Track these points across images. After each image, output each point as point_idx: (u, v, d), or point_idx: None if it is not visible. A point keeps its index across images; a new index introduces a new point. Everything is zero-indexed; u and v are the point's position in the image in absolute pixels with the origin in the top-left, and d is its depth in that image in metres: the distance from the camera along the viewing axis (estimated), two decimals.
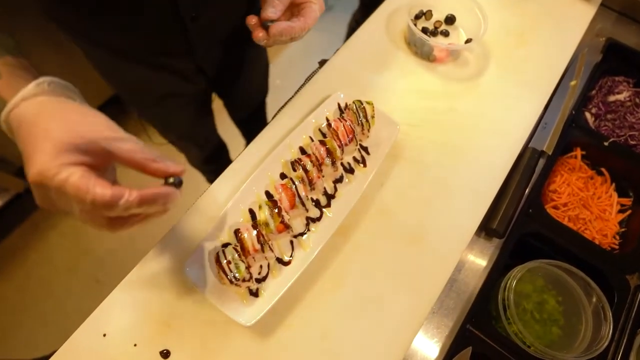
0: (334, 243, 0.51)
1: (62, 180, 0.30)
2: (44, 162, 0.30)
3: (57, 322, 1.28)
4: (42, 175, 0.30)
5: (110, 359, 0.44)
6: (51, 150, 0.31)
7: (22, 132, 0.33)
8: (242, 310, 0.45)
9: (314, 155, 0.51)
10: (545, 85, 0.66)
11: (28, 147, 0.32)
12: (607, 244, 0.63)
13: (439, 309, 0.53)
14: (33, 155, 0.31)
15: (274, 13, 0.47)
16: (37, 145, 0.31)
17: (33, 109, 0.33)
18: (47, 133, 0.32)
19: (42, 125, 0.32)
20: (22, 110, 0.33)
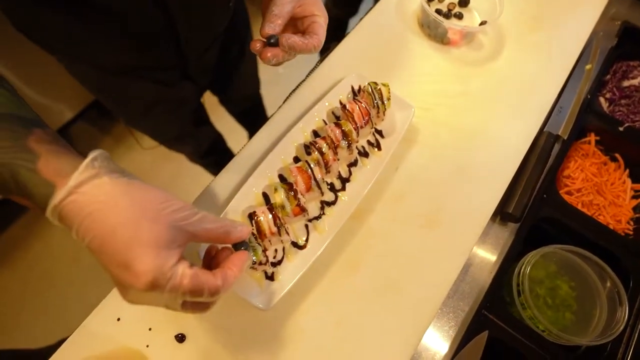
0: (348, 227, 0.51)
1: (177, 285, 0.29)
2: (153, 269, 0.28)
3: (60, 312, 1.28)
4: (157, 283, 0.28)
5: (124, 343, 0.44)
6: (153, 253, 0.28)
7: (92, 228, 0.28)
8: (259, 294, 0.44)
9: (329, 137, 0.50)
10: (561, 69, 0.65)
11: (117, 255, 0.28)
12: (621, 230, 0.63)
13: (455, 293, 0.53)
14: (133, 263, 0.27)
15: (273, 29, 0.44)
16: (132, 250, 0.28)
17: (95, 197, 0.28)
18: (136, 232, 0.28)
19: (123, 221, 0.28)
20: (82, 199, 0.28)
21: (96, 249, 0.28)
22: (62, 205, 0.28)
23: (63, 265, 1.36)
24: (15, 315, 1.27)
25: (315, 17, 0.46)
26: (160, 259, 0.28)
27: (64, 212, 0.28)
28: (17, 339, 1.24)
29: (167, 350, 0.44)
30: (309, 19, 0.46)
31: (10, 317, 1.27)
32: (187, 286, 0.29)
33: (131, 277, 0.27)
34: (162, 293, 0.28)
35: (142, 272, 0.27)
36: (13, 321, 1.26)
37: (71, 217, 0.28)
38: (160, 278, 0.28)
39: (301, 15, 0.46)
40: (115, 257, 0.28)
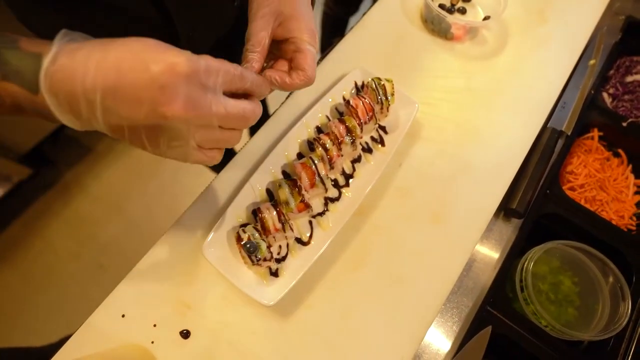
0: (353, 223, 0.51)
1: (217, 66, 0.27)
2: (187, 56, 0.26)
3: (61, 310, 1.28)
4: (196, 64, 0.26)
5: (129, 340, 0.44)
6: (170, 47, 0.27)
7: (104, 59, 0.25)
8: (263, 290, 0.44)
9: (333, 133, 0.49)
10: (564, 64, 0.65)
11: (145, 63, 0.25)
12: (623, 225, 0.63)
13: (459, 289, 0.53)
14: (166, 55, 0.26)
15: (251, 68, 0.38)
16: (158, 50, 0.26)
17: (92, 44, 0.26)
18: (156, 43, 0.27)
19: (135, 41, 0.26)
20: (78, 50, 0.26)
21: (115, 77, 0.25)
22: (57, 65, 0.25)
23: (64, 262, 1.36)
24: (17, 313, 1.28)
25: (299, 41, 0.40)
26: (180, 50, 0.27)
27: (60, 75, 0.25)
28: (19, 337, 1.25)
29: (172, 346, 0.44)
30: (293, 43, 0.40)
31: (11, 315, 1.27)
32: (215, 62, 0.28)
33: (167, 64, 0.25)
34: (199, 77, 0.27)
35: (174, 55, 0.26)
36: (14, 320, 1.27)
37: (71, 69, 0.25)
38: (191, 57, 0.26)
39: (283, 36, 0.41)
40: (140, 65, 0.25)
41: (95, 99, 0.25)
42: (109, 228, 1.40)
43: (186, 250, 0.48)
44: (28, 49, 0.27)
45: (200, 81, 0.27)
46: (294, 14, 0.40)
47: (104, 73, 0.25)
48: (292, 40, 0.40)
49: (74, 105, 0.26)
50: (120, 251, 1.36)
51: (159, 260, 0.47)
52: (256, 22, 0.39)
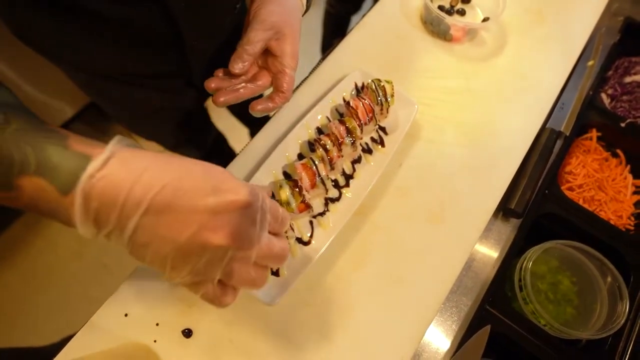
0: (353, 223, 0.51)
1: (266, 201, 0.28)
2: (245, 184, 0.27)
3: (64, 309, 1.28)
4: (253, 195, 0.26)
5: (132, 338, 0.44)
6: (231, 176, 0.27)
7: (160, 177, 0.24)
8: (264, 289, 0.44)
9: (334, 134, 0.50)
10: (563, 65, 0.65)
11: (203, 185, 0.25)
12: (622, 225, 0.63)
13: (458, 288, 0.53)
14: (227, 182, 0.26)
15: (241, 69, 0.43)
16: (217, 175, 0.26)
17: (145, 156, 0.25)
18: (212, 167, 0.27)
19: (192, 162, 0.27)
20: (131, 159, 0.25)
21: (169, 199, 0.24)
22: (105, 173, 0.23)
23: (65, 261, 1.36)
24: (18, 313, 1.28)
25: (285, 64, 0.45)
26: (241, 181, 0.28)
27: (104, 183, 0.23)
28: (20, 336, 1.25)
29: (174, 345, 0.44)
30: (279, 63, 0.45)
31: (12, 315, 1.27)
32: (269, 201, 0.29)
33: (230, 194, 0.25)
34: (257, 209, 0.27)
35: (237, 186, 0.26)
36: (15, 319, 1.27)
37: (120, 183, 0.23)
38: (252, 191, 0.27)
39: (274, 51, 0.46)
40: (201, 189, 0.25)
41: (135, 214, 0.24)
42: None
43: None
44: (76, 148, 0.25)
45: (252, 216, 0.27)
46: (289, 36, 0.45)
47: (158, 189, 0.24)
48: (278, 60, 0.45)
49: (105, 215, 0.24)
50: (123, 250, 1.36)
51: None
52: (259, 32, 0.43)
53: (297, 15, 0.47)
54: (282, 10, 0.44)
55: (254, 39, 0.43)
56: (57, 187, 0.24)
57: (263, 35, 0.43)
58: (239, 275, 0.29)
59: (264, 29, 0.43)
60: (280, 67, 0.46)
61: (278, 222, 0.31)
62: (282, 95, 0.46)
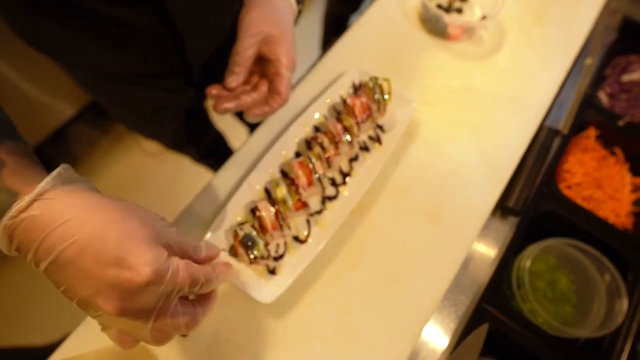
0: (350, 221, 0.51)
1: (176, 274, 0.27)
2: (152, 261, 0.25)
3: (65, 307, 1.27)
4: (158, 273, 0.25)
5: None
6: (148, 247, 0.26)
7: (71, 234, 0.25)
8: (261, 288, 0.45)
9: (331, 132, 0.50)
10: (561, 64, 0.65)
11: (108, 254, 0.25)
12: (620, 224, 0.63)
13: (456, 286, 0.53)
14: (131, 257, 0.25)
15: (236, 80, 0.43)
16: (126, 245, 0.25)
17: (73, 202, 0.25)
18: (127, 230, 0.26)
19: (111, 220, 0.26)
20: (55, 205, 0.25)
21: (73, 256, 0.25)
22: (27, 215, 0.24)
23: None
24: (20, 311, 1.28)
25: (280, 65, 0.44)
26: (157, 252, 0.26)
27: (26, 224, 0.24)
28: (22, 334, 1.25)
29: (170, 344, 0.43)
30: (274, 66, 0.45)
31: (15, 313, 1.28)
32: (184, 274, 0.27)
33: (129, 272, 0.25)
34: (159, 287, 0.26)
35: (142, 263, 0.25)
36: (17, 317, 1.27)
37: (38, 227, 0.24)
38: (159, 268, 0.26)
39: (267, 56, 0.45)
40: (105, 257, 0.25)
41: (45, 260, 0.25)
42: None
43: None
44: (7, 182, 0.25)
45: (155, 291, 0.26)
46: (280, 38, 0.44)
47: (68, 245, 0.24)
48: (273, 63, 0.45)
49: (24, 252, 0.25)
50: None
51: None
52: (246, 40, 0.43)
53: (285, 17, 0.46)
54: (267, 15, 0.44)
55: (241, 48, 0.43)
56: None
57: (249, 42, 0.43)
58: (142, 335, 0.29)
59: (250, 37, 0.43)
60: (275, 69, 0.45)
61: (197, 287, 0.29)
62: (279, 97, 0.45)
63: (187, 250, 0.30)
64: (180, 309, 0.29)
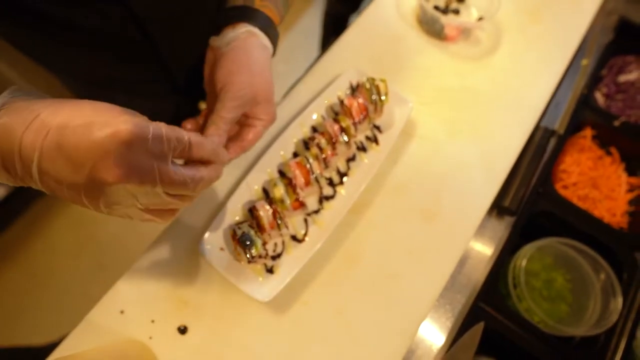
0: (347, 220, 0.51)
1: (158, 131, 0.26)
2: (130, 119, 0.25)
3: (64, 307, 1.29)
4: (140, 126, 0.25)
5: (128, 335, 0.45)
6: (123, 110, 0.26)
7: (48, 121, 0.25)
8: (259, 286, 0.45)
9: (328, 133, 0.50)
10: (557, 64, 0.65)
11: (88, 122, 0.25)
12: (615, 223, 0.64)
13: (452, 285, 0.54)
14: (110, 118, 0.25)
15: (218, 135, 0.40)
16: (103, 111, 0.25)
17: (39, 101, 0.26)
18: (101, 104, 0.26)
19: (83, 102, 0.26)
20: (24, 107, 0.25)
21: (57, 142, 0.24)
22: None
23: (65, 263, 1.37)
24: (20, 311, 1.28)
25: (259, 122, 0.43)
26: (133, 115, 0.26)
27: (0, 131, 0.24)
28: (21, 334, 1.25)
29: (169, 341, 0.45)
30: (252, 120, 0.43)
31: (14, 313, 1.28)
32: (167, 130, 0.27)
33: (111, 128, 0.25)
34: (147, 143, 0.26)
35: (122, 121, 0.25)
36: (17, 317, 1.27)
37: (13, 130, 0.24)
38: (140, 123, 0.26)
39: (247, 114, 0.43)
40: (87, 129, 0.25)
41: (32, 159, 0.24)
42: (107, 227, 1.41)
43: (184, 247, 0.49)
44: None
45: (146, 148, 0.26)
46: (262, 98, 0.42)
47: (45, 133, 0.24)
48: (251, 119, 0.43)
49: (9, 163, 0.25)
50: (120, 250, 1.37)
51: (157, 258, 0.48)
52: (232, 108, 0.40)
53: (268, 75, 0.43)
54: (253, 77, 0.41)
55: (227, 117, 0.40)
56: None
57: (237, 111, 0.41)
58: (156, 203, 0.29)
59: (237, 106, 0.40)
60: (251, 123, 0.43)
61: (188, 148, 0.30)
62: (241, 145, 0.43)
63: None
64: (182, 169, 0.29)
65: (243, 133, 0.43)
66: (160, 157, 0.27)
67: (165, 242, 0.49)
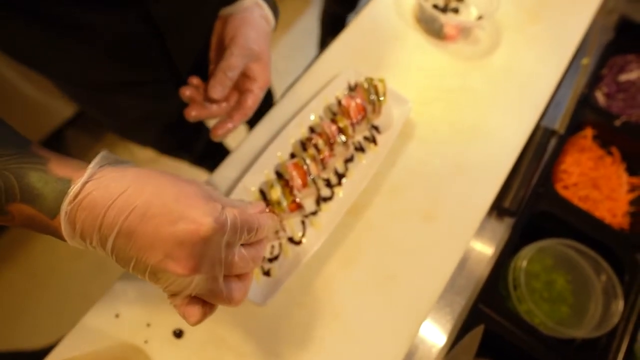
0: (345, 222, 0.51)
1: (234, 221, 0.27)
2: (210, 212, 0.26)
3: (64, 308, 1.28)
4: (219, 222, 0.26)
5: (123, 339, 0.44)
6: (204, 201, 0.27)
7: (130, 202, 0.25)
8: (255, 289, 0.45)
9: (325, 133, 0.50)
10: (557, 64, 0.65)
11: (169, 213, 0.25)
12: (616, 224, 0.63)
13: (452, 287, 0.53)
14: (190, 211, 0.26)
15: (221, 92, 0.44)
16: (183, 202, 0.26)
17: (124, 176, 0.26)
18: (182, 189, 0.27)
19: (165, 183, 0.27)
20: (109, 182, 0.25)
21: (137, 223, 0.25)
22: (84, 195, 0.25)
23: (65, 263, 1.37)
24: (20, 312, 1.28)
25: (256, 84, 0.46)
26: (212, 204, 0.27)
27: (84, 205, 0.25)
28: (22, 334, 1.25)
29: (165, 345, 0.44)
30: (250, 83, 0.46)
31: (15, 314, 1.28)
32: (242, 220, 0.28)
33: (193, 224, 0.25)
34: (223, 236, 0.26)
35: (202, 215, 0.25)
36: (17, 318, 1.27)
37: (98, 204, 0.25)
38: (219, 218, 0.26)
39: (247, 73, 0.46)
40: (166, 216, 0.25)
41: (110, 236, 0.25)
42: None
43: None
44: (57, 172, 0.26)
45: (219, 241, 0.27)
46: (262, 59, 0.46)
47: (127, 213, 0.25)
48: (250, 80, 0.47)
49: (89, 235, 0.26)
50: None
51: None
52: (239, 57, 0.44)
53: (268, 40, 0.48)
54: (258, 35, 0.46)
55: (235, 64, 0.44)
56: (44, 213, 0.26)
57: (243, 60, 0.44)
58: (214, 294, 0.29)
59: (244, 55, 0.44)
60: (249, 86, 0.46)
61: (253, 233, 0.30)
62: (243, 112, 0.46)
63: (235, 206, 0.31)
64: (245, 253, 0.30)
65: (242, 101, 0.46)
66: (230, 246, 0.28)
67: None
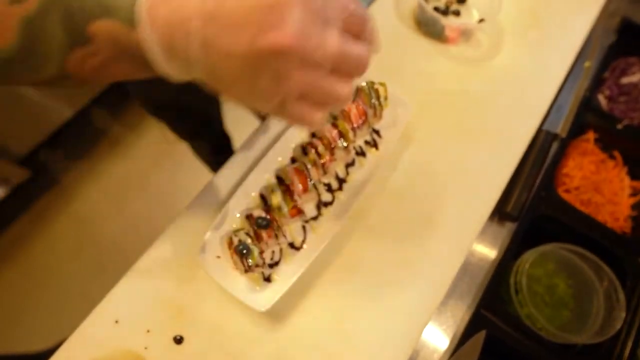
0: (346, 227, 0.51)
1: (353, 6, 0.24)
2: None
3: (64, 309, 1.28)
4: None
5: (123, 346, 0.44)
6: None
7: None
8: (256, 295, 0.44)
9: (326, 138, 0.49)
10: (559, 67, 0.64)
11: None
12: (618, 228, 0.63)
13: (453, 292, 0.53)
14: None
15: None
16: None
17: None
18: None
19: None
20: None
21: (215, 3, 0.22)
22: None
23: (64, 264, 1.37)
24: (19, 313, 1.28)
25: None
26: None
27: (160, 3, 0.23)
28: (21, 336, 1.25)
29: (165, 352, 0.44)
30: None
31: (14, 315, 1.27)
32: (349, 2, 0.25)
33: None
34: (321, 10, 0.23)
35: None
36: (17, 319, 1.27)
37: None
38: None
39: None
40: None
41: (193, 28, 0.22)
42: (107, 229, 1.41)
43: (179, 256, 0.48)
44: None
45: (316, 9, 0.23)
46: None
47: None
48: None
49: (171, 40, 0.23)
50: (120, 251, 1.36)
51: (151, 267, 0.47)
52: None
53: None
54: None
55: None
56: (124, 20, 0.24)
57: None
58: (317, 87, 0.26)
59: None
60: None
61: (357, 20, 0.26)
62: None
63: None
64: (348, 38, 0.26)
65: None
66: (332, 24, 0.24)
67: (160, 250, 0.48)
